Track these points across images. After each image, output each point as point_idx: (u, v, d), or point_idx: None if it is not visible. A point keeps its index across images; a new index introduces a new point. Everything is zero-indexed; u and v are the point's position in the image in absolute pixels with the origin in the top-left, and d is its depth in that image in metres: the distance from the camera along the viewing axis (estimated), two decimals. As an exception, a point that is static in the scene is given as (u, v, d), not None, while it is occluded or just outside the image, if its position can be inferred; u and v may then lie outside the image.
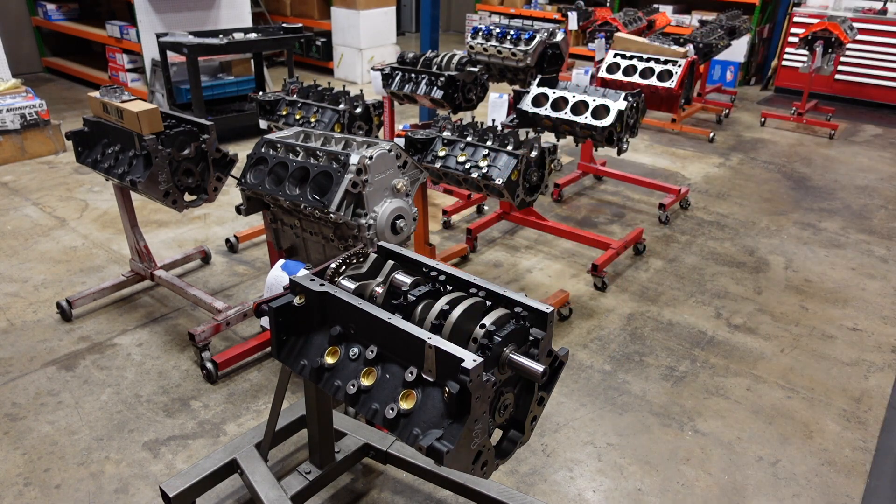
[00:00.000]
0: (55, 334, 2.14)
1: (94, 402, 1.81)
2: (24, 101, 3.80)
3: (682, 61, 3.22)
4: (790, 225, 3.20)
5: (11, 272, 2.55)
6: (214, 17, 4.69)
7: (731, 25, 4.71)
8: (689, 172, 3.93)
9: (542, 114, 2.52)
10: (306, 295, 1.09)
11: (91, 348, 2.06)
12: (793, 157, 4.21)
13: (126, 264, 2.45)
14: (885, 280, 2.68)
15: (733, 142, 4.53)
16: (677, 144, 4.46)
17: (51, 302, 2.31)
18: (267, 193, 1.70)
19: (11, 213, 3.10)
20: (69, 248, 2.75)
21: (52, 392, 1.85)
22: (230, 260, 2.69)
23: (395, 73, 2.85)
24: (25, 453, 1.62)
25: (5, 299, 2.35)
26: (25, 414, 1.76)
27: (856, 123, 5.03)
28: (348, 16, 5.80)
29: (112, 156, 2.01)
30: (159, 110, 1.90)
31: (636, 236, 2.78)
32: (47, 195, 3.31)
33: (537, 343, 0.97)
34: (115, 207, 2.35)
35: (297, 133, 1.81)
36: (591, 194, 3.54)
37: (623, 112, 2.37)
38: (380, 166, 1.57)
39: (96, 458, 1.61)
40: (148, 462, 1.60)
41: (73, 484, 1.53)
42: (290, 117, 2.42)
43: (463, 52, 2.96)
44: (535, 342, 0.97)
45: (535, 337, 0.97)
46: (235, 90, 4.53)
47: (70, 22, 5.49)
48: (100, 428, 1.71)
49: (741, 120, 5.08)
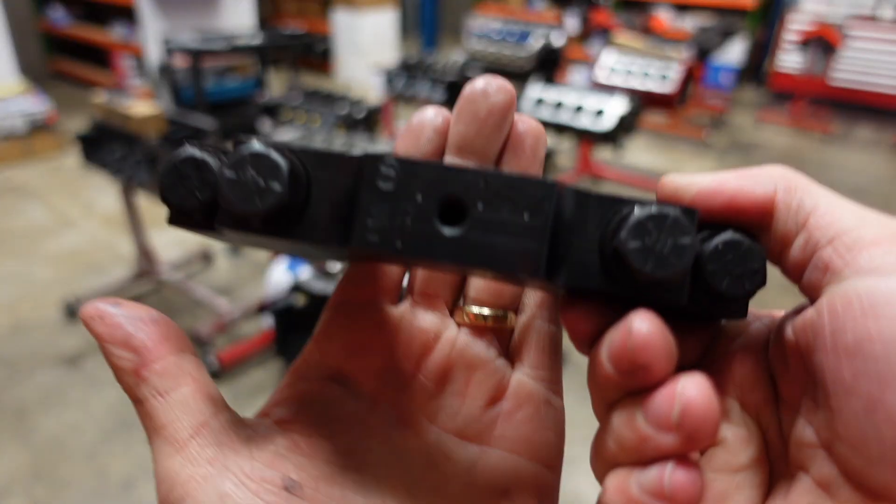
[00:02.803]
0: (62, 333, 2.18)
1: (100, 401, 1.84)
2: (32, 103, 3.84)
3: (679, 64, 3.26)
4: (786, 226, 3.24)
5: (19, 272, 2.58)
6: (219, 21, 4.73)
7: (726, 27, 4.76)
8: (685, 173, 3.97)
9: (541, 116, 2.57)
10: (308, 296, 1.13)
11: (97, 347, 2.09)
12: (788, 159, 4.25)
13: (131, 264, 2.49)
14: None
15: (729, 143, 4.58)
16: (674, 146, 4.51)
17: (58, 301, 2.35)
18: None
19: (19, 214, 3.14)
20: (76, 249, 2.79)
21: (59, 390, 1.89)
22: (233, 259, 2.73)
23: (397, 76, 2.89)
24: (33, 451, 1.66)
25: (13, 299, 2.39)
26: (33, 412, 1.80)
27: (850, 126, 5.08)
28: (349, 18, 5.83)
29: (118, 158, 2.05)
30: (164, 113, 1.94)
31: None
32: (54, 196, 3.35)
33: None
34: (121, 208, 2.39)
35: (300, 135, 1.85)
36: (589, 196, 3.58)
37: (621, 114, 2.41)
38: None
39: (102, 454, 1.65)
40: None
41: (80, 480, 1.56)
42: (293, 120, 2.46)
43: (463, 55, 3.01)
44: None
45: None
46: (239, 92, 4.57)
47: (76, 25, 5.53)
48: (106, 425, 1.75)
49: (737, 122, 5.12)
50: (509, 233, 0.19)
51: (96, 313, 0.22)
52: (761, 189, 0.20)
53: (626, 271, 0.19)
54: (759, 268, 0.19)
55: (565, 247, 0.19)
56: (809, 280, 0.19)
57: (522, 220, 0.19)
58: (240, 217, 0.19)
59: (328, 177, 0.20)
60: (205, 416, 0.21)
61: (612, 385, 0.19)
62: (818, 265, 0.18)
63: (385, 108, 3.14)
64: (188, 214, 0.20)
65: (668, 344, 0.18)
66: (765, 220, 0.20)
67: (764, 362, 0.21)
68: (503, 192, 0.19)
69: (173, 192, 0.20)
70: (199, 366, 0.22)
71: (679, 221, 0.18)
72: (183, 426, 0.20)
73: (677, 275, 0.18)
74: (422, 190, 0.19)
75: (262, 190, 0.18)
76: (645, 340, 0.18)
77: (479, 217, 0.19)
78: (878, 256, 0.17)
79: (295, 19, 6.44)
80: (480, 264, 0.19)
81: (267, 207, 0.18)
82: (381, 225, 0.19)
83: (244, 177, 0.19)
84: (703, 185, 0.20)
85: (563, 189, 0.19)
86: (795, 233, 0.19)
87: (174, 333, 0.22)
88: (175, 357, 0.22)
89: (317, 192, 0.20)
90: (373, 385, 0.24)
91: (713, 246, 0.19)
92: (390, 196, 0.19)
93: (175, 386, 0.21)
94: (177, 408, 0.21)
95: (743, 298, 0.20)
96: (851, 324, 0.17)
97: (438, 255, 0.19)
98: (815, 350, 0.18)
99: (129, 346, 0.21)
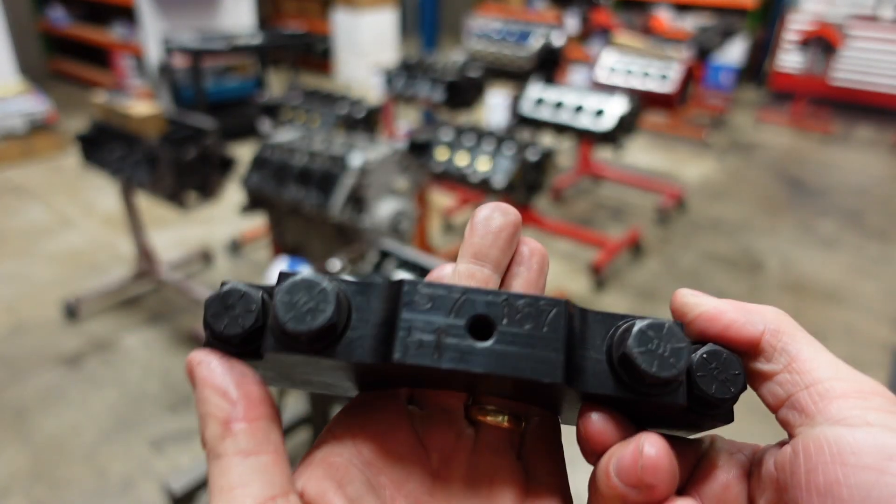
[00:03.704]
0: (62, 333, 2.18)
1: (100, 401, 1.84)
2: (32, 103, 3.84)
3: (679, 64, 3.26)
4: (785, 225, 3.24)
5: (19, 272, 2.58)
6: (220, 20, 4.73)
7: (726, 27, 4.76)
8: (685, 173, 3.98)
9: (541, 116, 2.56)
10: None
11: (97, 347, 2.10)
12: (788, 159, 4.25)
13: (131, 264, 2.49)
14: (878, 280, 2.72)
15: (729, 143, 4.58)
16: (674, 146, 4.51)
17: (58, 301, 2.35)
18: (270, 194, 1.74)
19: (19, 214, 3.14)
20: (75, 249, 2.79)
21: (59, 390, 1.89)
22: (233, 260, 2.73)
23: (397, 75, 2.89)
24: (33, 451, 1.66)
25: (13, 299, 2.39)
26: (33, 412, 1.80)
27: (850, 126, 5.07)
28: (350, 18, 5.83)
29: (118, 158, 2.05)
30: (164, 113, 1.94)
31: (634, 236, 2.82)
32: (54, 196, 3.35)
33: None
34: (120, 208, 2.39)
35: (300, 135, 1.85)
36: (589, 195, 3.59)
37: (621, 114, 2.41)
38: (381, 168, 1.61)
39: (102, 455, 1.65)
40: (153, 459, 1.64)
41: (80, 480, 1.56)
42: (292, 120, 2.46)
43: (463, 55, 3.01)
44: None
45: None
46: (239, 92, 4.57)
47: (76, 24, 5.52)
48: (106, 425, 1.75)
49: (737, 122, 5.12)
50: (532, 345, 0.21)
51: (204, 358, 0.22)
52: (750, 328, 0.23)
53: (634, 375, 0.22)
54: (740, 373, 0.23)
55: (579, 359, 0.22)
56: (786, 417, 0.22)
57: (541, 332, 0.21)
58: (290, 337, 0.21)
59: (367, 302, 0.22)
60: (274, 491, 0.20)
61: (616, 497, 0.21)
62: (795, 406, 0.22)
63: (385, 108, 3.14)
64: (227, 342, 0.22)
65: (674, 467, 0.21)
66: (750, 352, 0.23)
67: (745, 491, 0.23)
68: (523, 310, 0.22)
69: (218, 320, 0.22)
70: (282, 439, 0.22)
71: (673, 329, 0.22)
72: (251, 494, 0.20)
73: (677, 375, 0.21)
74: (454, 310, 0.22)
75: (313, 311, 0.21)
76: (654, 462, 0.20)
77: (505, 332, 0.21)
78: (845, 409, 0.20)
79: (295, 19, 6.44)
80: (511, 372, 0.21)
81: (318, 327, 0.21)
82: (418, 341, 0.21)
83: (296, 300, 0.21)
84: (705, 308, 0.24)
85: (571, 307, 0.22)
86: (775, 372, 0.23)
87: (272, 404, 0.22)
88: (266, 422, 0.21)
89: (357, 315, 0.22)
90: (394, 477, 0.24)
91: (699, 356, 0.23)
92: (426, 317, 0.22)
93: (258, 451, 0.20)
94: (252, 473, 0.20)
95: (729, 401, 0.23)
96: (823, 467, 0.19)
97: (474, 366, 0.21)
98: (790, 486, 0.20)
99: (227, 396, 0.21)
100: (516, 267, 0.26)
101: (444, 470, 0.25)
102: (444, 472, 0.25)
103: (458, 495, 0.25)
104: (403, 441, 0.25)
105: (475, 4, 6.77)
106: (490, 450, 0.26)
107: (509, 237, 0.26)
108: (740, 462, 0.24)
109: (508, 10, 6.53)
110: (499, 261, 0.26)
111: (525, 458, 0.26)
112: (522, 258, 0.27)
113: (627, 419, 0.23)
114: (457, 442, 0.26)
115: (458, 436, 0.26)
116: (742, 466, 0.24)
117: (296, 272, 0.22)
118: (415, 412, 0.26)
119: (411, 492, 0.24)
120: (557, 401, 0.24)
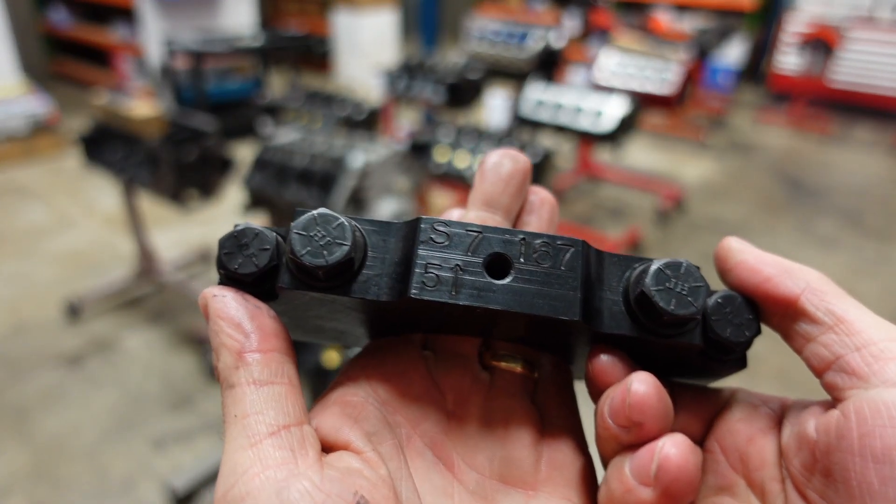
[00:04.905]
0: (63, 333, 2.18)
1: (101, 400, 1.85)
2: (33, 104, 3.84)
3: (679, 65, 3.27)
4: (784, 226, 3.25)
5: (20, 272, 2.59)
6: (220, 21, 4.73)
7: (725, 28, 4.76)
8: (684, 174, 3.98)
9: (541, 117, 2.57)
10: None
11: (98, 347, 2.11)
12: (786, 160, 4.26)
13: (132, 264, 2.49)
14: (877, 280, 2.73)
15: (728, 144, 4.58)
16: (673, 146, 4.51)
17: (59, 301, 2.35)
18: (271, 194, 1.75)
19: (20, 214, 3.14)
20: (77, 249, 2.80)
21: (60, 390, 1.89)
22: (233, 261, 2.73)
23: (398, 77, 2.90)
24: (34, 450, 1.67)
25: (14, 298, 2.39)
26: (33, 412, 1.81)
27: (849, 127, 5.08)
28: (350, 18, 5.84)
29: (119, 158, 2.06)
30: (165, 114, 1.94)
31: (633, 236, 2.83)
32: (55, 196, 3.36)
33: None
34: (121, 209, 2.40)
35: (300, 136, 1.86)
36: (588, 196, 3.59)
37: (620, 115, 2.42)
38: (381, 168, 1.62)
39: (103, 454, 1.65)
40: (154, 458, 1.64)
41: (81, 480, 1.57)
42: (294, 121, 2.47)
43: (463, 56, 3.01)
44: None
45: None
46: (240, 93, 4.57)
47: (77, 25, 5.53)
48: (107, 425, 1.75)
49: (736, 123, 5.13)
50: (549, 283, 0.21)
51: (219, 292, 0.22)
52: (790, 285, 0.22)
53: (651, 314, 0.21)
54: (754, 318, 0.22)
55: (596, 300, 0.22)
56: (833, 381, 0.21)
57: (559, 271, 0.21)
58: (306, 271, 0.21)
59: (383, 242, 0.22)
60: (289, 420, 0.20)
61: (611, 438, 0.21)
62: (845, 368, 0.20)
63: (386, 109, 3.15)
64: (240, 281, 0.22)
65: (664, 404, 0.20)
66: (786, 311, 0.22)
67: (772, 445, 0.22)
68: (540, 249, 0.22)
69: (232, 259, 0.22)
70: (297, 375, 0.22)
71: (690, 268, 0.21)
72: (265, 421, 0.19)
73: (695, 313, 0.21)
74: (471, 249, 0.21)
75: (330, 244, 0.20)
76: (641, 399, 0.20)
77: (522, 270, 0.21)
78: None
79: (295, 20, 6.44)
80: (529, 310, 0.21)
81: (335, 261, 0.20)
82: (435, 277, 0.21)
83: (313, 234, 0.21)
84: (746, 258, 0.23)
85: (588, 248, 0.22)
86: (819, 333, 0.21)
87: (287, 339, 0.22)
88: (280, 355, 0.21)
89: (373, 254, 0.22)
90: (410, 416, 0.24)
91: (714, 300, 0.22)
92: (442, 254, 0.21)
93: (271, 381, 0.20)
94: (266, 402, 0.20)
95: (744, 345, 0.22)
96: (880, 430, 0.18)
97: (491, 303, 0.21)
98: (838, 450, 0.19)
99: (240, 328, 0.21)
100: (526, 216, 0.26)
101: (459, 411, 0.25)
102: (459, 413, 0.25)
103: (475, 435, 0.24)
104: (419, 382, 0.25)
105: (475, 5, 6.78)
106: (505, 393, 0.25)
107: (519, 184, 0.25)
108: (766, 415, 0.23)
109: (508, 10, 6.54)
110: (509, 207, 0.25)
111: (539, 403, 0.26)
112: (532, 207, 0.26)
113: (637, 363, 0.23)
114: (472, 385, 0.25)
115: (473, 380, 0.26)
116: (769, 419, 0.23)
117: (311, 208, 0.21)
118: (429, 357, 0.26)
119: (427, 431, 0.24)
120: (571, 345, 0.24)
